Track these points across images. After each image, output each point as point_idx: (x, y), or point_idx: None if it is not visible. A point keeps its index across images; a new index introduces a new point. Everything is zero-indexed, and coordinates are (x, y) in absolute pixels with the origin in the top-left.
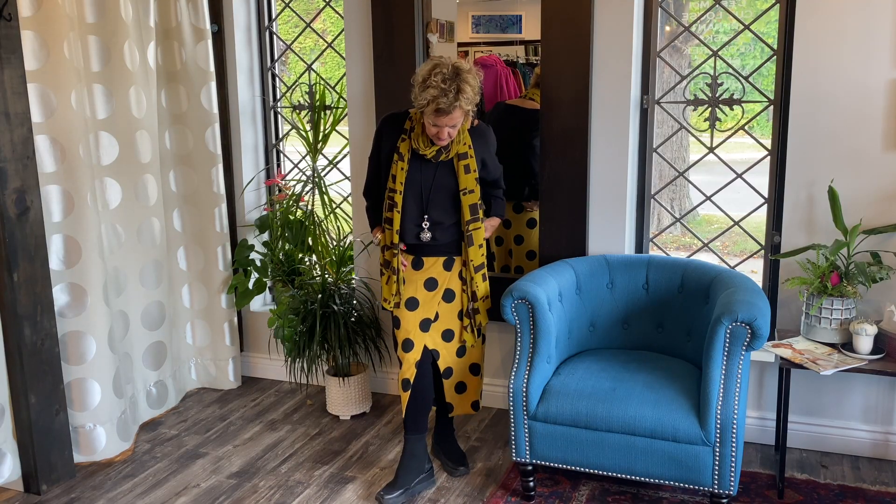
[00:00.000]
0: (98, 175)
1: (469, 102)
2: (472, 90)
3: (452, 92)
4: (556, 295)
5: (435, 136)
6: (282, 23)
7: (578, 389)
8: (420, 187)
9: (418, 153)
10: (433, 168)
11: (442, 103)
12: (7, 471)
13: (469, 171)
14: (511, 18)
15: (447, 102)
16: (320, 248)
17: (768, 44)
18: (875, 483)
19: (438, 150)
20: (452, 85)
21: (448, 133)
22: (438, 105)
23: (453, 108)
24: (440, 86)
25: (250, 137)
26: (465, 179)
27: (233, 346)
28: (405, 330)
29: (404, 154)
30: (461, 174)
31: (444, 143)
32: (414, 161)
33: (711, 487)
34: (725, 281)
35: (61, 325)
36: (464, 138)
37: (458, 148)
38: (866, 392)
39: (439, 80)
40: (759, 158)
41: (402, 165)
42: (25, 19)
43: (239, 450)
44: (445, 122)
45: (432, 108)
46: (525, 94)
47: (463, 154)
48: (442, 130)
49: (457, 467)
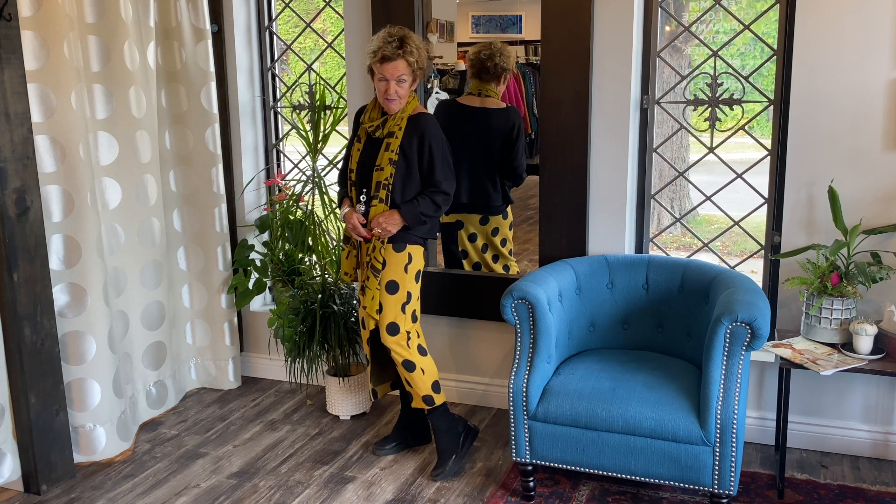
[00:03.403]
0: (98, 175)
1: (412, 55)
2: (414, 45)
3: (396, 42)
4: (556, 295)
5: (384, 95)
6: (282, 23)
7: (578, 389)
8: (363, 164)
9: (370, 135)
10: (378, 147)
11: (386, 51)
12: (7, 471)
13: (387, 150)
14: (511, 18)
15: (391, 50)
16: (320, 248)
17: (768, 44)
18: (875, 483)
19: (377, 126)
20: (395, 38)
21: (395, 90)
22: (383, 53)
23: (396, 56)
24: (385, 38)
25: (250, 137)
26: (380, 156)
27: (233, 346)
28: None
29: (361, 136)
30: (381, 150)
31: (394, 106)
32: (367, 142)
33: (711, 487)
34: (725, 281)
35: (61, 325)
36: (398, 120)
37: (390, 126)
38: (866, 392)
39: (384, 34)
40: (759, 158)
41: (357, 146)
42: (25, 19)
43: (239, 450)
44: (390, 71)
45: (378, 58)
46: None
47: (391, 132)
48: (389, 85)
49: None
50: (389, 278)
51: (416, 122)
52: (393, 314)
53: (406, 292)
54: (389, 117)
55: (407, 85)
